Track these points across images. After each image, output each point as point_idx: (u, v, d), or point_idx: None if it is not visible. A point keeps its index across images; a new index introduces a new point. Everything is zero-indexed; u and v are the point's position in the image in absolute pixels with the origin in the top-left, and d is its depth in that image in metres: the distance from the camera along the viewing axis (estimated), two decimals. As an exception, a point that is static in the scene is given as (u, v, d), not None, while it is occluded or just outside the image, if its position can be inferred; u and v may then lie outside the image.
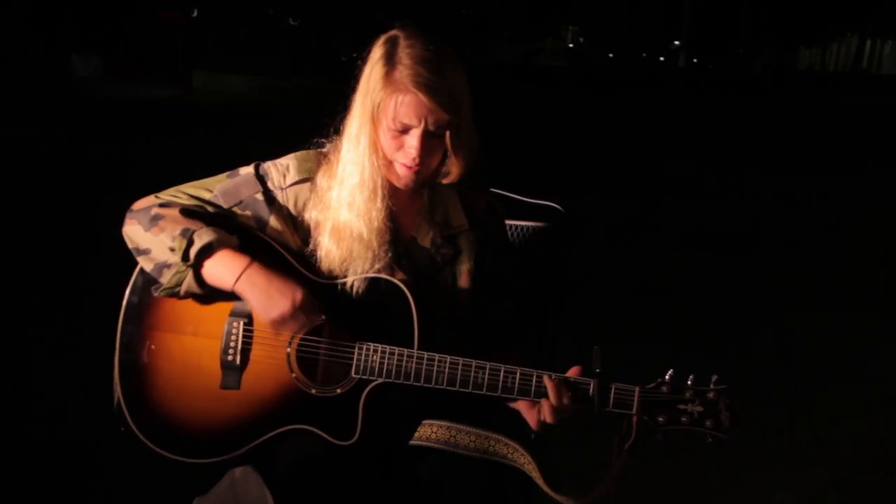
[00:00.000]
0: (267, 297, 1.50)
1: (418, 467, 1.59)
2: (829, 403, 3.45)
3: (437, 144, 1.55)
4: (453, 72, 1.52)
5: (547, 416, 1.51)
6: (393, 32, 1.55)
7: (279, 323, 1.51)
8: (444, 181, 1.62)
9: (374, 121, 1.52)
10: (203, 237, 1.51)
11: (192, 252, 1.51)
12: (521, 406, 1.57)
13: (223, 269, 1.52)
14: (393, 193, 1.60)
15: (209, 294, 1.55)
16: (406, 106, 1.49)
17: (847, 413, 3.35)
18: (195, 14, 20.52)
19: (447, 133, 1.53)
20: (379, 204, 1.56)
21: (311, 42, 24.39)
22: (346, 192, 1.56)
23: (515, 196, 1.90)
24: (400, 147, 1.53)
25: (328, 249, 1.58)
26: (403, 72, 1.48)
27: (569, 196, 2.05)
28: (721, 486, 2.79)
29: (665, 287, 5.09)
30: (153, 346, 1.59)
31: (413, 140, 1.51)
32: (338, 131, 1.62)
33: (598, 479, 1.53)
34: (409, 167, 1.54)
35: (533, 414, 1.55)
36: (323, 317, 1.54)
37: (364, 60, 1.55)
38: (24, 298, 4.14)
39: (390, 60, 1.50)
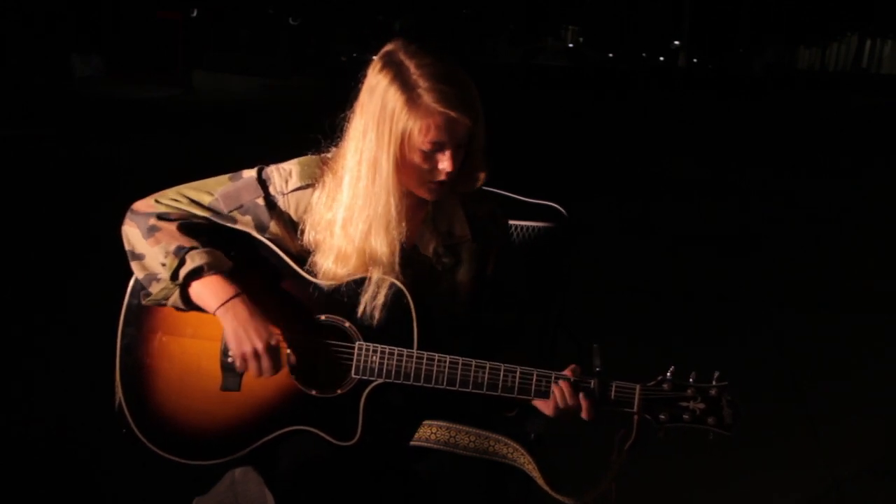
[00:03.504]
0: (243, 331, 1.50)
1: (418, 467, 1.59)
2: (829, 403, 3.45)
3: (463, 153, 1.54)
4: (466, 78, 1.50)
5: (552, 415, 1.52)
6: (388, 49, 1.52)
7: (244, 359, 1.51)
8: (476, 186, 1.60)
9: (402, 148, 1.49)
10: (195, 259, 1.51)
11: (182, 273, 1.51)
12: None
13: (209, 293, 1.52)
14: None
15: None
16: (439, 127, 1.46)
17: (847, 413, 3.36)
18: (195, 14, 20.49)
19: (472, 140, 1.53)
20: (403, 225, 1.55)
21: (311, 42, 24.35)
22: (362, 222, 1.52)
23: (516, 196, 1.90)
24: (432, 166, 1.51)
25: (333, 271, 1.56)
26: (426, 95, 1.45)
27: (569, 196, 2.05)
28: (721, 485, 2.79)
29: (665, 287, 5.09)
30: (156, 349, 1.59)
31: (447, 155, 1.49)
32: (336, 142, 1.59)
33: (599, 478, 1.53)
34: (443, 182, 1.53)
35: (547, 404, 1.54)
36: (284, 368, 1.55)
37: (362, 85, 1.52)
38: (24, 299, 4.14)
39: (406, 84, 1.46)
